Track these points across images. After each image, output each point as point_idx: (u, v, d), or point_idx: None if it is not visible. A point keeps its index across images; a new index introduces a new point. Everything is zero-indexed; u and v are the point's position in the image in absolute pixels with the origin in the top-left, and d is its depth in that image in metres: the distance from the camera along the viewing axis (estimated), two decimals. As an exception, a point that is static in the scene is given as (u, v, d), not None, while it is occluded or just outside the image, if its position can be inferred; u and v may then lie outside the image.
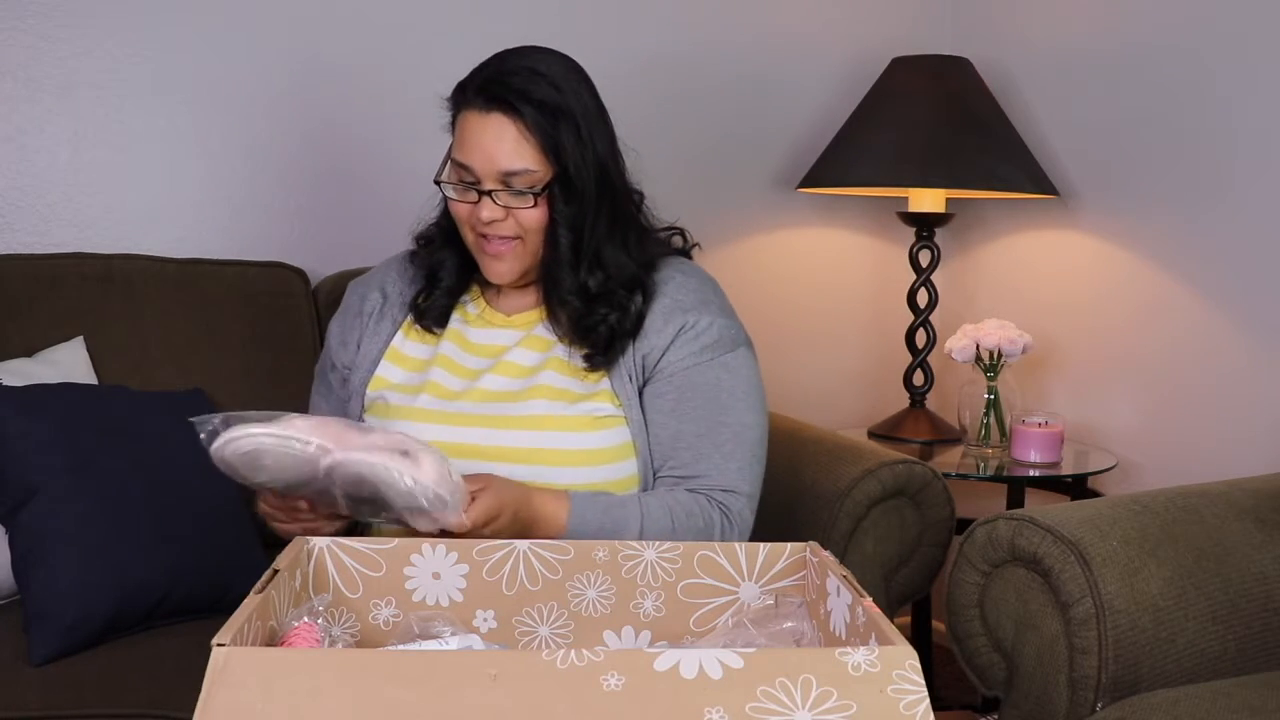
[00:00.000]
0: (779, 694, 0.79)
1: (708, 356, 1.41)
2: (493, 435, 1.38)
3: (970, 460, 2.27)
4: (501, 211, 1.35)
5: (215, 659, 0.78)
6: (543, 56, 1.38)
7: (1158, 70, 2.25)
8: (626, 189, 1.45)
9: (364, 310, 1.51)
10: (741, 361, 1.44)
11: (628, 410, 1.40)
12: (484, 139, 1.33)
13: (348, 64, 2.17)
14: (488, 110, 1.33)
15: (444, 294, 1.47)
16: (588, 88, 1.40)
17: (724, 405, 1.40)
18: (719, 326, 1.43)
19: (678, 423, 1.40)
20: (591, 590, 1.09)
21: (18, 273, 1.81)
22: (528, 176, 1.34)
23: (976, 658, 1.55)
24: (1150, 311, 2.29)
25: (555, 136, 1.33)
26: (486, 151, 1.33)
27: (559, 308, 1.41)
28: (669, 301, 1.43)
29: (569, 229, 1.37)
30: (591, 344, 1.40)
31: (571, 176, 1.35)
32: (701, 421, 1.40)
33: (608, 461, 1.39)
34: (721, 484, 1.39)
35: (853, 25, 2.61)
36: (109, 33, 2.01)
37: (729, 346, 1.43)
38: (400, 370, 1.46)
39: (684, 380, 1.41)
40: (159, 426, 1.63)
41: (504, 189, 1.34)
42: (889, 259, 2.71)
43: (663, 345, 1.41)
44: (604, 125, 1.41)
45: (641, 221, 1.48)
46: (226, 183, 2.12)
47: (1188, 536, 1.51)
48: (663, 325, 1.42)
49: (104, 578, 1.46)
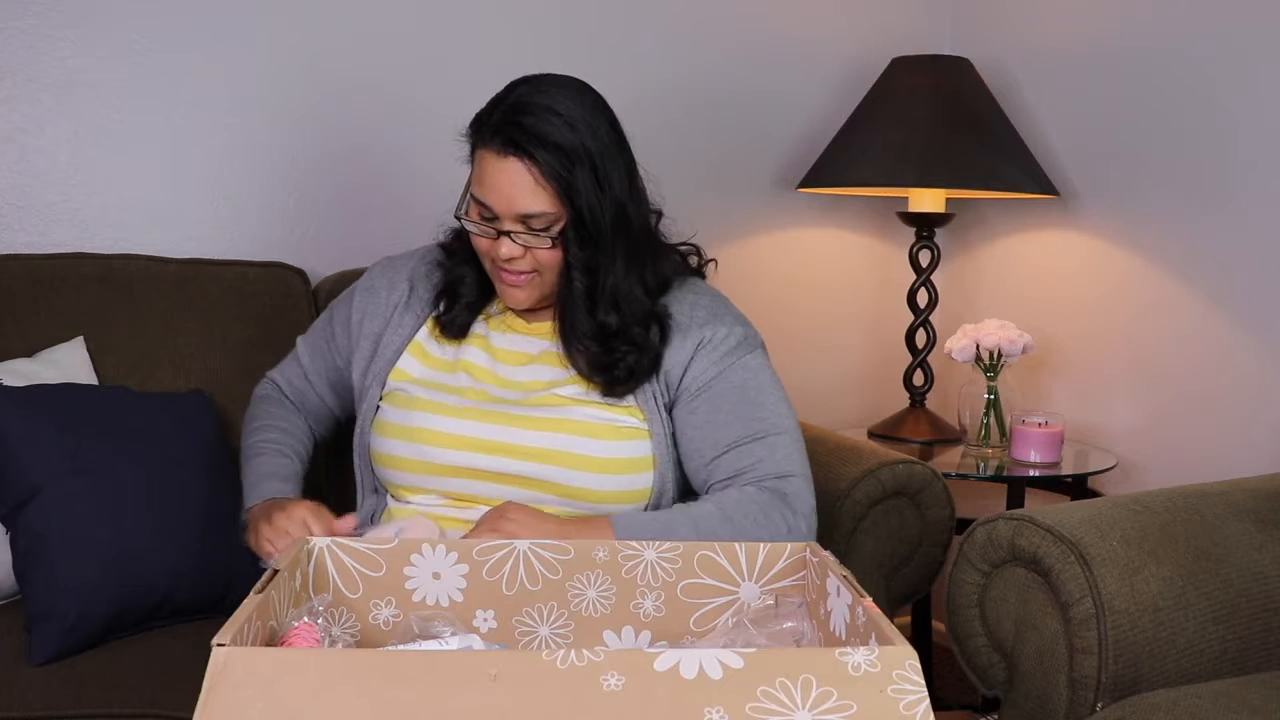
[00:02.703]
0: (779, 694, 0.79)
1: (728, 361, 1.43)
2: (514, 433, 1.40)
3: (970, 460, 2.27)
4: (520, 249, 1.37)
5: (215, 659, 0.78)
6: (560, 92, 1.36)
7: (1158, 70, 2.25)
8: (645, 222, 1.45)
9: (390, 299, 1.54)
10: (760, 361, 1.46)
11: (652, 424, 1.42)
12: (501, 181, 1.34)
13: (348, 64, 2.17)
14: (504, 153, 1.33)
15: (465, 310, 1.49)
16: (606, 120, 1.39)
17: (755, 402, 1.42)
18: (736, 334, 1.45)
19: (716, 432, 1.41)
20: (591, 590, 1.09)
21: (18, 273, 1.81)
22: (545, 219, 1.35)
23: (976, 658, 1.55)
24: (1150, 311, 2.29)
25: (571, 181, 1.33)
26: (504, 194, 1.34)
27: (577, 351, 1.42)
28: (683, 321, 1.45)
29: (584, 272, 1.38)
30: (610, 380, 1.41)
31: (586, 221, 1.35)
32: (738, 424, 1.41)
33: (624, 471, 1.40)
34: (773, 471, 1.38)
35: (853, 25, 2.61)
36: (109, 33, 2.01)
37: (748, 350, 1.45)
38: (421, 366, 1.49)
39: (712, 391, 1.42)
40: (159, 426, 1.63)
41: (523, 229, 1.35)
42: (889, 259, 2.71)
43: (683, 361, 1.43)
44: (622, 159, 1.40)
45: (658, 241, 1.49)
46: (226, 183, 2.12)
47: (1188, 536, 1.51)
48: (680, 344, 1.44)
49: (105, 578, 1.46)
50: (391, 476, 1.46)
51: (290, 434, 1.58)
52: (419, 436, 1.42)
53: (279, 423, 1.59)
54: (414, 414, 1.43)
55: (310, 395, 1.63)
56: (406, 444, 1.43)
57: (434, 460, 1.41)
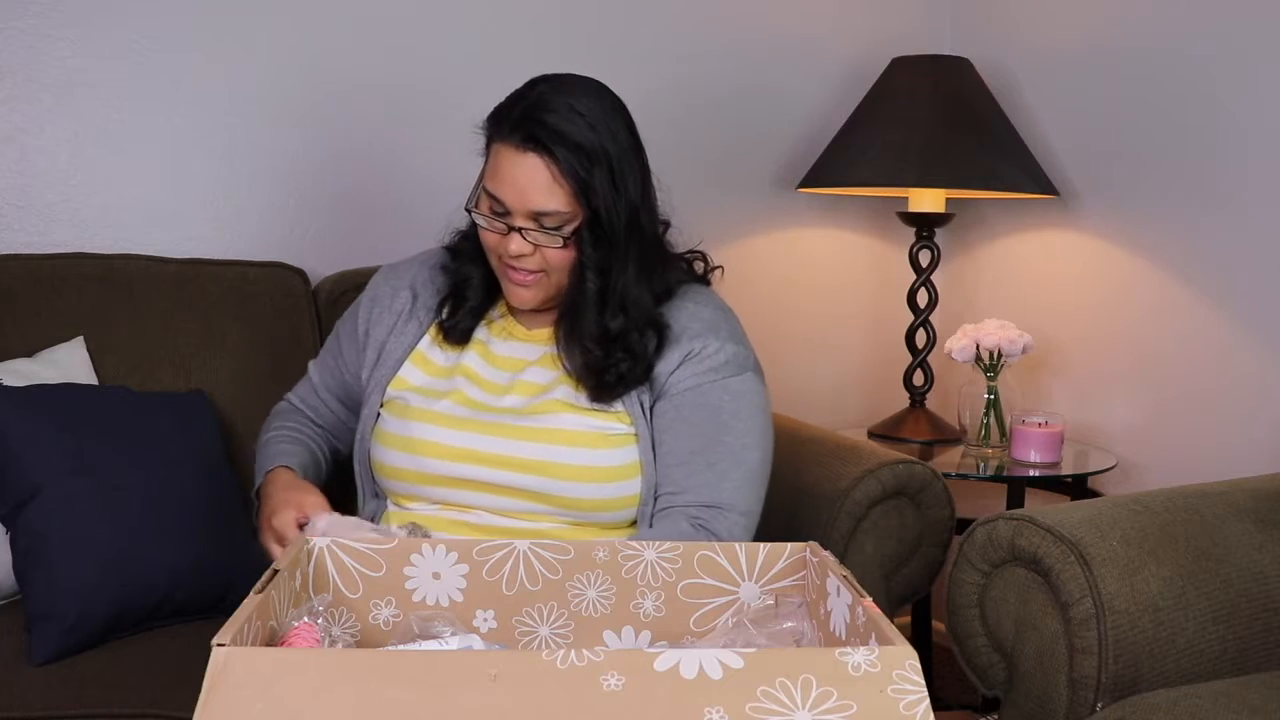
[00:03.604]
0: (779, 694, 0.79)
1: (711, 378, 1.42)
2: (507, 445, 1.40)
3: (970, 460, 2.27)
4: (529, 247, 1.36)
5: (215, 659, 0.78)
6: (582, 93, 1.36)
7: (1158, 70, 2.25)
8: (655, 228, 1.45)
9: (394, 307, 1.53)
10: (748, 386, 1.44)
11: (638, 427, 1.42)
12: (517, 176, 1.33)
13: (348, 65, 2.17)
14: (523, 148, 1.32)
15: (469, 314, 1.49)
16: (624, 123, 1.39)
17: (723, 424, 1.41)
18: (727, 352, 1.43)
19: (673, 439, 1.40)
20: (591, 590, 1.09)
21: (18, 273, 1.81)
22: (558, 217, 1.34)
23: (976, 658, 1.55)
24: (1150, 311, 2.29)
25: (589, 181, 1.33)
26: (519, 189, 1.33)
27: (575, 350, 1.41)
28: (679, 331, 1.44)
29: (597, 273, 1.38)
30: (599, 385, 1.41)
31: (602, 221, 1.35)
32: (697, 439, 1.40)
33: (614, 479, 1.40)
34: (706, 500, 1.38)
35: (853, 25, 2.61)
36: (109, 33, 2.01)
37: (735, 370, 1.43)
38: (422, 374, 1.49)
39: (685, 399, 1.41)
40: (159, 426, 1.63)
41: (534, 226, 1.35)
42: (889, 259, 2.71)
43: (669, 369, 1.43)
44: (638, 163, 1.40)
45: (665, 250, 1.48)
46: (226, 183, 2.12)
47: (1188, 536, 1.51)
48: (670, 354, 1.43)
49: (104, 578, 1.47)
50: (391, 485, 1.46)
51: (299, 430, 1.59)
52: (417, 448, 1.42)
53: (288, 421, 1.61)
54: (412, 424, 1.43)
55: (324, 410, 1.63)
56: (405, 455, 1.43)
57: (431, 471, 1.42)
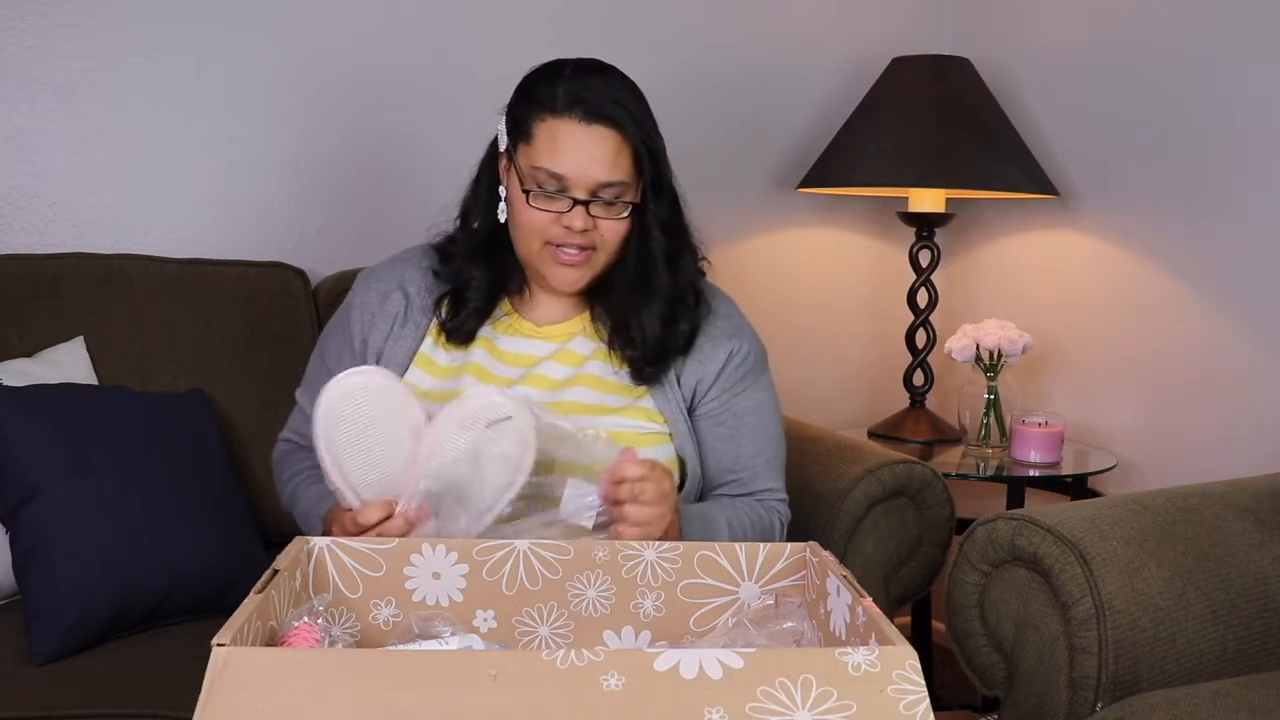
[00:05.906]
0: (779, 694, 0.79)
1: (750, 381, 1.48)
2: None
3: (970, 460, 2.27)
4: (591, 221, 1.36)
5: (215, 659, 0.78)
6: (606, 69, 1.39)
7: (1158, 70, 2.25)
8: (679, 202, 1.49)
9: (387, 311, 1.47)
10: (770, 379, 1.52)
11: (673, 426, 1.43)
12: (584, 149, 1.33)
13: (348, 65, 2.17)
14: (589, 122, 1.33)
15: (472, 316, 1.45)
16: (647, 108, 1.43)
17: (768, 423, 1.49)
18: (756, 350, 1.50)
19: (737, 449, 1.47)
20: (591, 590, 1.09)
21: (18, 273, 1.81)
22: (616, 189, 1.36)
23: (976, 658, 1.55)
24: (1150, 311, 2.29)
25: (653, 150, 1.37)
26: (583, 162, 1.33)
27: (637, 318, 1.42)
28: (722, 324, 1.48)
29: (663, 232, 1.41)
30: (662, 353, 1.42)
31: (663, 185, 1.40)
32: (757, 443, 1.48)
33: None
34: (776, 495, 1.50)
35: (853, 25, 2.61)
36: (109, 33, 2.01)
37: (763, 367, 1.51)
38: (429, 378, 1.44)
39: (737, 408, 1.47)
40: (159, 426, 1.63)
41: (595, 199, 1.35)
42: (889, 259, 2.71)
43: (714, 371, 1.46)
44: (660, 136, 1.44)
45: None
46: (226, 183, 2.12)
47: (1188, 536, 1.51)
48: (713, 351, 1.46)
49: (104, 578, 1.47)
50: None
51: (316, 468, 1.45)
52: None
53: (304, 462, 1.50)
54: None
55: None
56: None
57: None
